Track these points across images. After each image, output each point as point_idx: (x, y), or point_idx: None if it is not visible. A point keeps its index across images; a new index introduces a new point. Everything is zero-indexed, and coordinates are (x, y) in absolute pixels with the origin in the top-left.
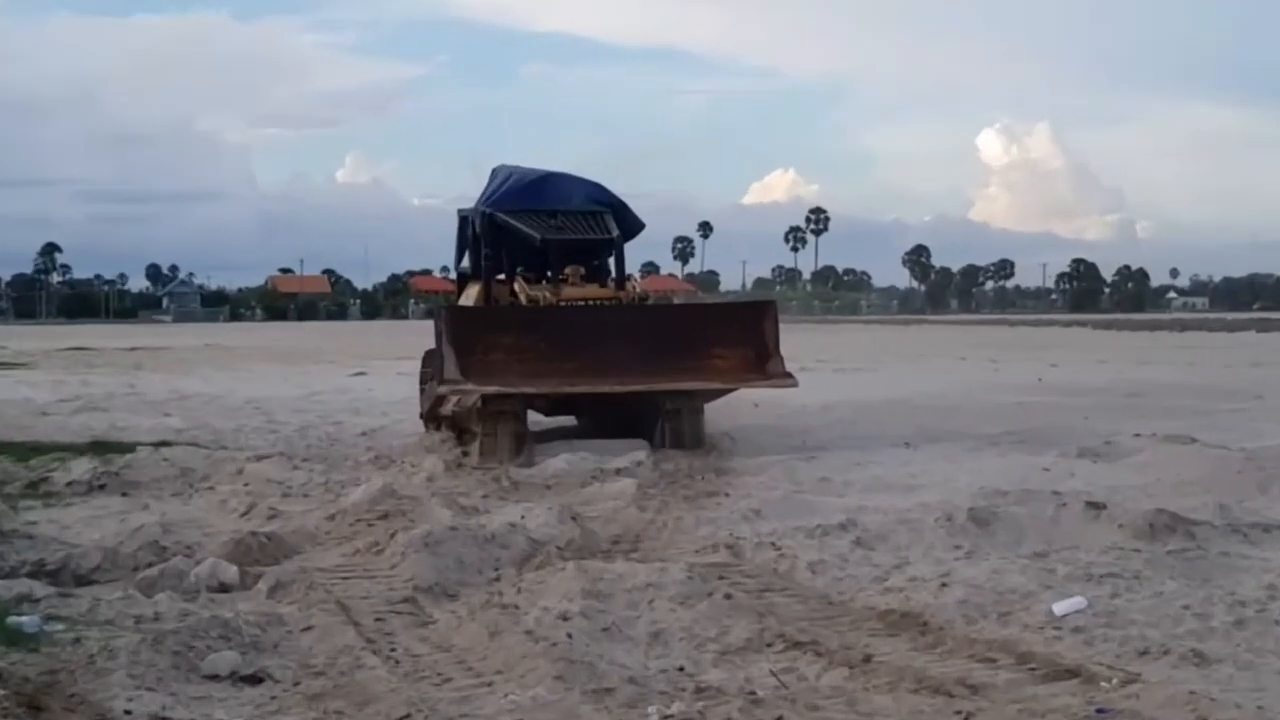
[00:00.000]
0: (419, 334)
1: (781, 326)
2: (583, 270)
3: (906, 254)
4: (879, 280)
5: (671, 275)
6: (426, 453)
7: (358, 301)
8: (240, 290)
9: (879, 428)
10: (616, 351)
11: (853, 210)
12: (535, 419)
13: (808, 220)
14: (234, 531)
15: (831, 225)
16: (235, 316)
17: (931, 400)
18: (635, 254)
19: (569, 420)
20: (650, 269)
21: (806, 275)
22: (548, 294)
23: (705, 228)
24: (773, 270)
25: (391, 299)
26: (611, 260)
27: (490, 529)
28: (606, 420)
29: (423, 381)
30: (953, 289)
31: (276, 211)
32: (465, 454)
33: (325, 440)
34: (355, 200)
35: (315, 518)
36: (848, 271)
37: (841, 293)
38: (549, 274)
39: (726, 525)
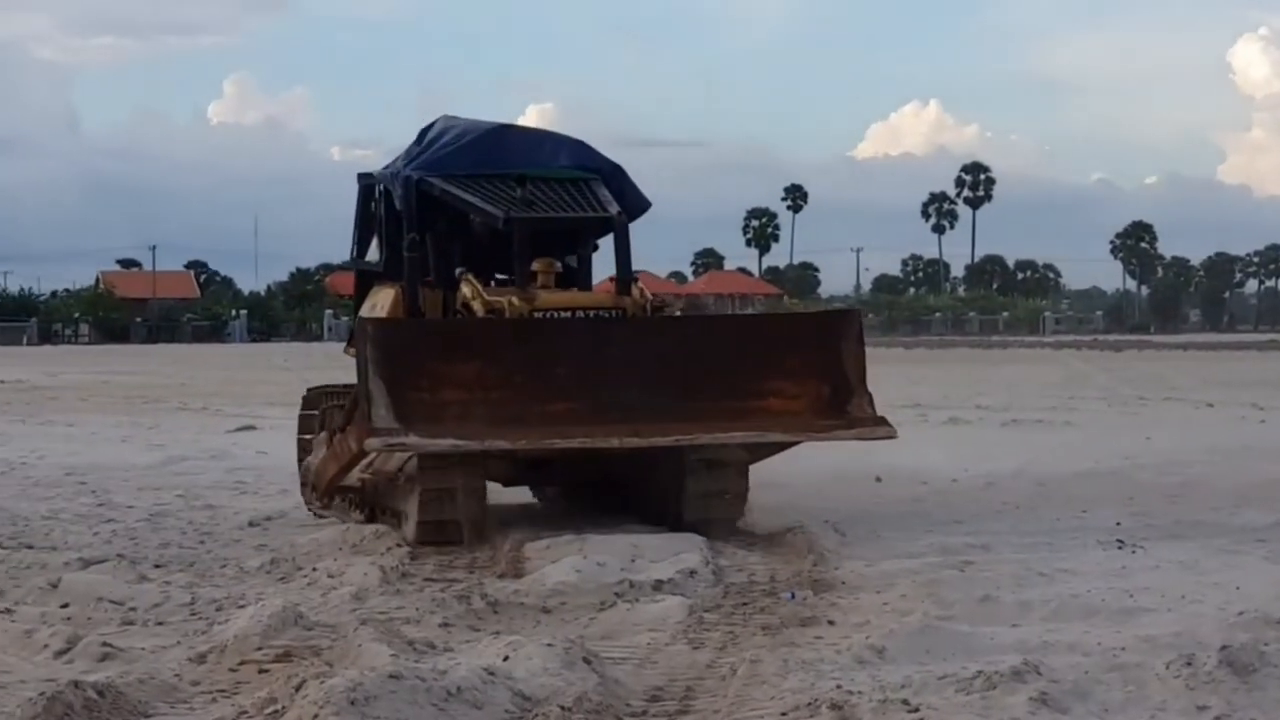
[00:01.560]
0: (336, 362)
1: (921, 352)
2: (558, 266)
3: (1117, 237)
4: (1074, 278)
5: (742, 271)
6: (352, 553)
7: (242, 313)
8: (55, 295)
9: (1075, 515)
10: (626, 386)
11: (1031, 167)
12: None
13: (960, 183)
14: (45, 682)
15: (998, 191)
16: (47, 336)
17: (1159, 471)
18: (670, 239)
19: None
20: (708, 261)
21: (958, 270)
22: (516, 301)
23: (795, 195)
24: (904, 262)
25: (296, 308)
26: (594, 255)
27: (453, 678)
28: (590, 489)
29: (306, 435)
30: (1193, 292)
31: (112, 171)
32: (413, 554)
33: (191, 534)
34: (238, 152)
35: (175, 659)
36: (1023, 265)
37: (1014, 298)
38: (502, 272)
39: (831, 673)
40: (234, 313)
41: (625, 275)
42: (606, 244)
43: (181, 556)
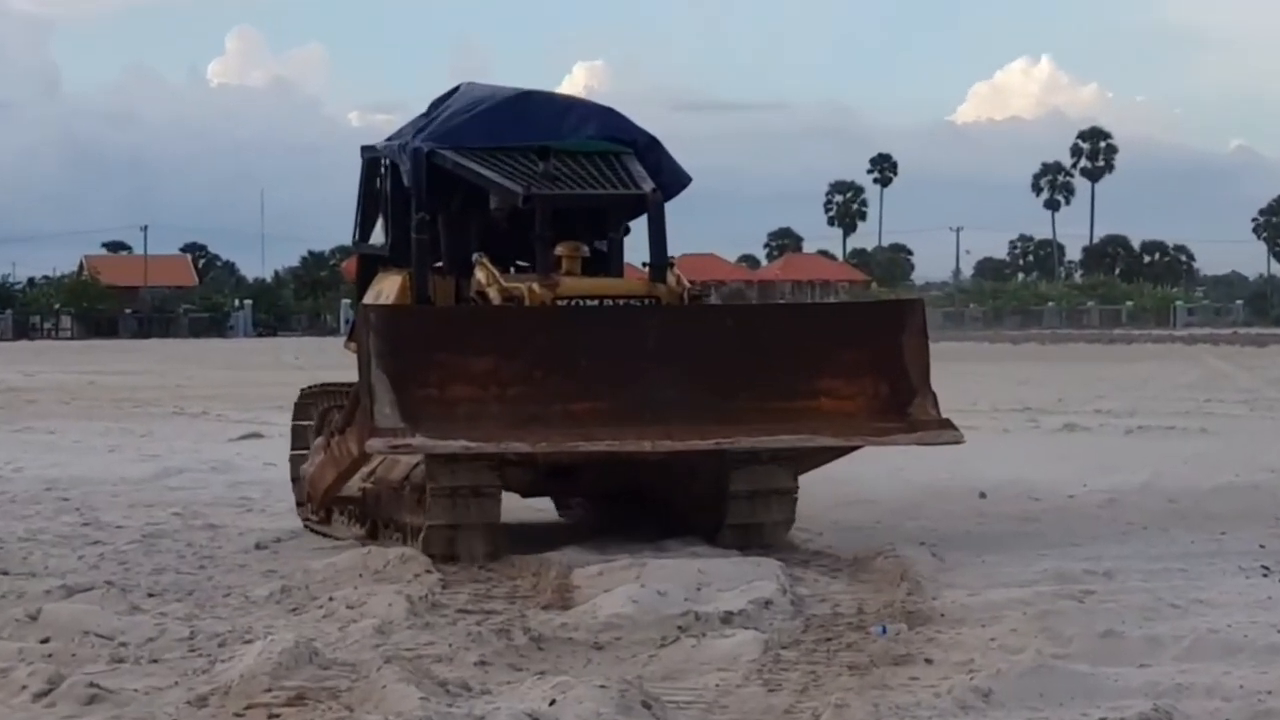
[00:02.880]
0: (352, 359)
1: (1031, 347)
2: (585, 250)
3: (1261, 214)
4: (1210, 263)
5: (823, 254)
6: (374, 580)
7: (247, 303)
8: (33, 283)
9: (1212, 537)
10: (659, 384)
11: (1159, 133)
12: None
13: (1077, 152)
14: None
15: (1120, 161)
16: (24, 330)
17: None
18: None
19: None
20: (784, 242)
21: (1074, 253)
22: (537, 287)
23: (884, 166)
24: (1011, 244)
25: (308, 297)
26: (626, 237)
27: None
28: (616, 503)
29: (301, 439)
30: None
31: (97, 139)
32: (444, 581)
33: (190, 558)
34: (243, 118)
35: (173, 702)
36: (1150, 247)
37: (1140, 285)
38: (522, 257)
39: (929, 718)
40: (237, 303)
41: (660, 260)
42: (639, 225)
43: (179, 584)
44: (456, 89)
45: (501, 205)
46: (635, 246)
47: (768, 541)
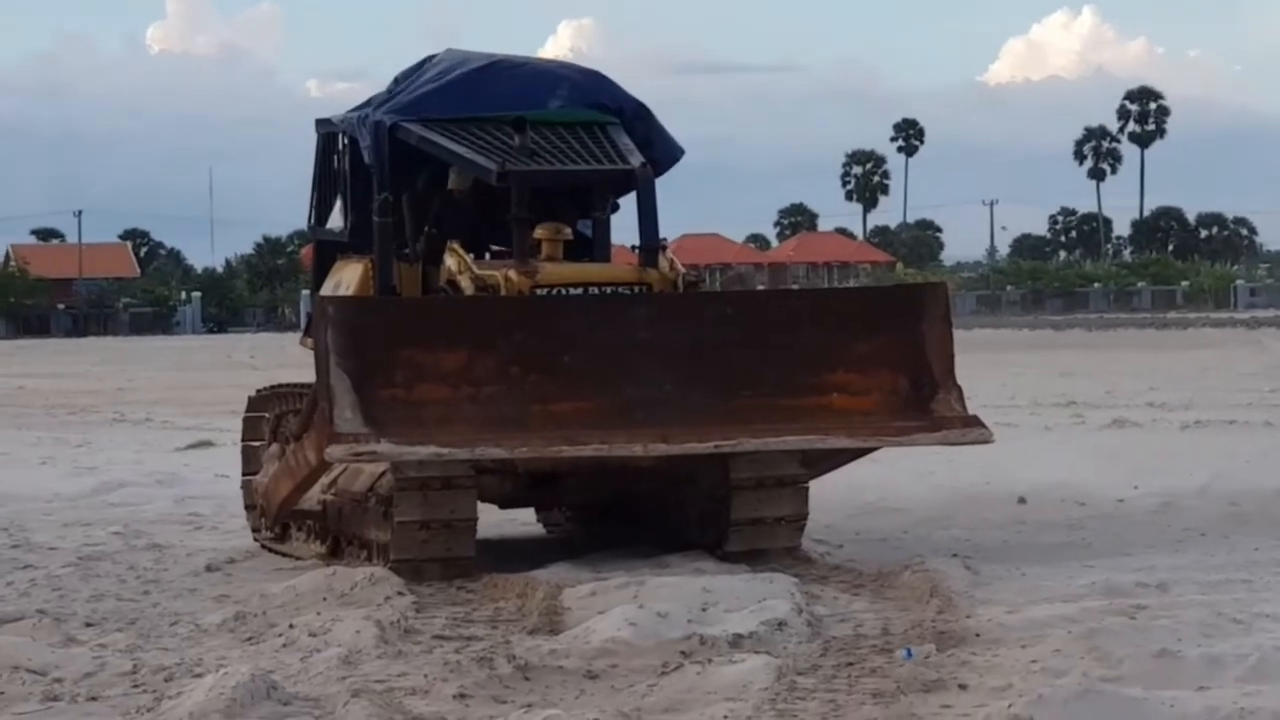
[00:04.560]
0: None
1: (1076, 334)
2: (567, 232)
3: None
4: (1274, 237)
5: (841, 232)
6: (340, 604)
7: (195, 296)
8: None
9: (1279, 544)
10: (652, 381)
11: (1215, 93)
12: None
13: (1124, 115)
14: None
15: (1173, 125)
16: None
17: None
18: (748, 192)
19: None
20: (797, 220)
21: (1122, 228)
22: (514, 275)
23: (909, 133)
24: (1051, 219)
25: (264, 288)
26: (613, 217)
27: None
28: (605, 513)
29: (251, 446)
30: None
31: (22, 115)
32: (418, 604)
33: (132, 583)
34: (186, 89)
35: None
36: (1207, 220)
37: (1196, 263)
38: (497, 241)
39: None
40: (184, 295)
41: (651, 242)
42: (628, 204)
43: (120, 612)
44: (428, 59)
45: (461, 184)
46: (623, 227)
47: (779, 541)
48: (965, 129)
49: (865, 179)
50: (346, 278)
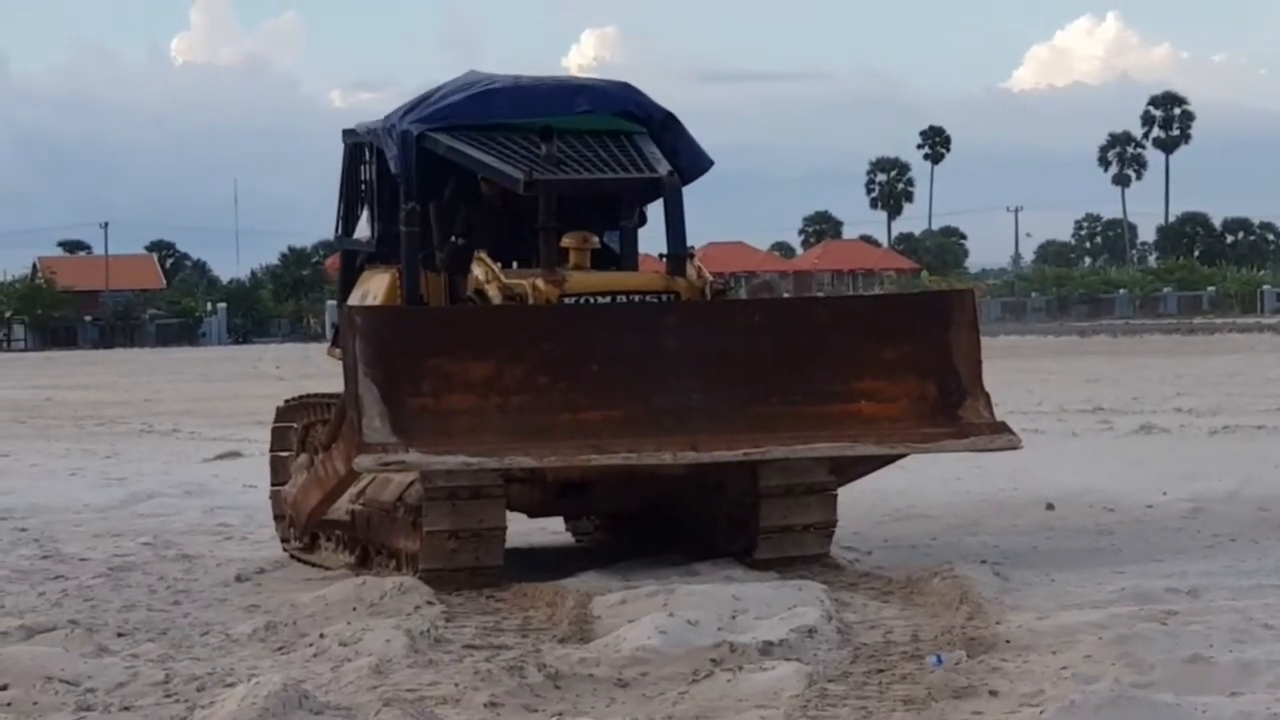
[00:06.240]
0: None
1: (1102, 340)
2: (595, 241)
3: None
4: None
5: (865, 240)
6: (370, 613)
7: (220, 307)
8: None
9: None
10: (679, 389)
11: (1241, 98)
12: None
13: (1149, 121)
14: None
15: (1198, 130)
16: None
17: None
18: (772, 200)
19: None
20: (822, 227)
21: (1147, 233)
22: (542, 284)
23: (935, 141)
24: (1076, 225)
25: (289, 299)
26: (641, 226)
27: None
28: (633, 522)
29: (279, 457)
30: None
31: (49, 127)
32: (448, 613)
33: (163, 593)
34: (211, 100)
35: None
36: (1233, 225)
37: (1223, 268)
38: (524, 250)
39: None
40: (210, 306)
41: (679, 251)
42: (655, 212)
43: (151, 622)
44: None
45: (490, 192)
46: (651, 236)
47: (808, 549)
48: (989, 136)
49: (889, 186)
50: (374, 288)
